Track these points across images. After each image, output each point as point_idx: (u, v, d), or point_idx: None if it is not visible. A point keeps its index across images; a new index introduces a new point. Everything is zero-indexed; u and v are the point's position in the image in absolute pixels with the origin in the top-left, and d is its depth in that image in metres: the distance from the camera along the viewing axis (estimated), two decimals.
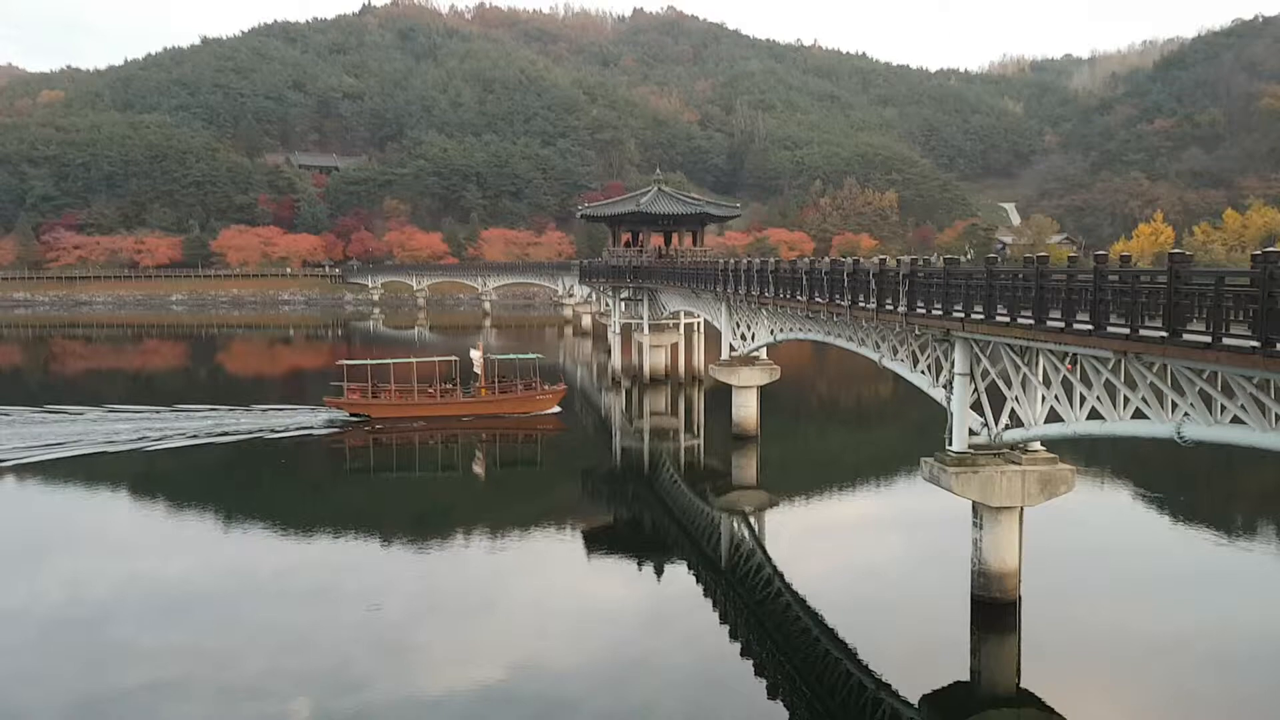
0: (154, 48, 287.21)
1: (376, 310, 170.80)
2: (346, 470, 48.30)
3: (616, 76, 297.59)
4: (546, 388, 60.34)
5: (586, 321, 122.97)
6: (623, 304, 74.82)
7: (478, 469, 48.72)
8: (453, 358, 59.34)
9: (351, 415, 55.97)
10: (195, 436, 50.74)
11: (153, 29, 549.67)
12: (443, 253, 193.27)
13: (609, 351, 79.38)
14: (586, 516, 40.49)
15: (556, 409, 59.67)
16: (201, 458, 47.35)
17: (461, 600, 29.29)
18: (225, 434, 51.61)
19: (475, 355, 59.03)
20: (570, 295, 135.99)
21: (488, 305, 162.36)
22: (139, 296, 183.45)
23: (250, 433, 52.35)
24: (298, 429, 53.78)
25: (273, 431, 52.85)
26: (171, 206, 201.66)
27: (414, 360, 58.19)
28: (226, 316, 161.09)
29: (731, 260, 55.34)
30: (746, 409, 50.73)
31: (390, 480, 46.07)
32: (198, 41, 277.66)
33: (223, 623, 26.66)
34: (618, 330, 76.51)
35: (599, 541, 35.97)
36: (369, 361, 58.76)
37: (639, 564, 33.12)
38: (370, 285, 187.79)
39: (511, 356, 62.16)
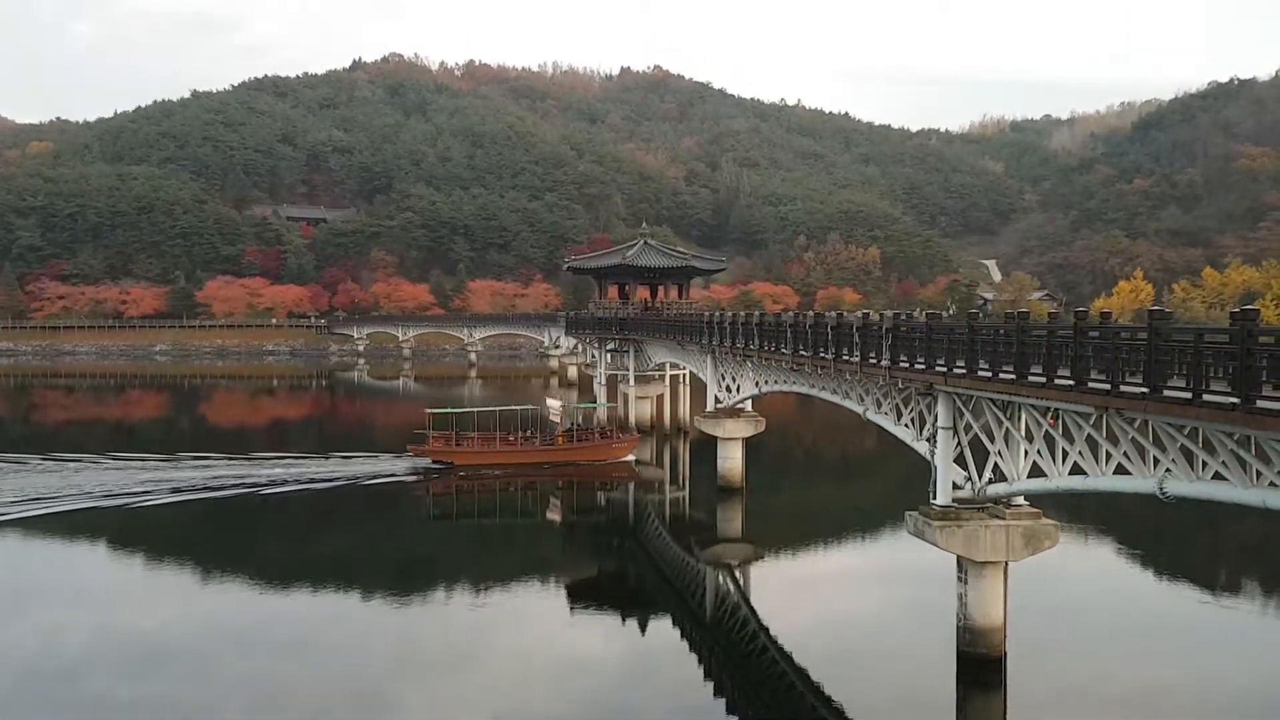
0: (144, 100, 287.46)
1: (361, 361, 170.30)
2: (432, 516, 49.73)
3: (604, 133, 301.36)
4: (621, 436, 61.72)
5: (573, 373, 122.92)
6: (609, 355, 75.07)
7: (553, 516, 49.69)
8: (532, 406, 61.30)
9: (435, 462, 56.95)
10: (294, 483, 51.95)
11: (143, 82, 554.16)
12: (429, 304, 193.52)
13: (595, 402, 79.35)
14: (571, 569, 40.21)
15: (630, 457, 60.78)
16: (310, 502, 49.18)
17: (470, 650, 29.03)
18: (325, 481, 52.98)
19: (554, 404, 60.69)
20: (556, 346, 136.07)
21: (473, 356, 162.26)
22: (122, 346, 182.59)
23: (347, 479, 53.62)
24: (388, 476, 54.78)
25: (367, 479, 54.02)
26: (157, 257, 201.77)
27: (496, 409, 60.15)
28: (210, 367, 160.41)
29: (717, 313, 55.75)
30: (732, 461, 50.70)
31: (470, 526, 47.61)
32: (188, 95, 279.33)
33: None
34: (603, 381, 76.62)
35: (583, 594, 35.66)
36: (452, 410, 60.55)
37: (623, 617, 32.88)
38: (356, 336, 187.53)
39: (589, 405, 64.67)
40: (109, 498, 47.72)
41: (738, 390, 50.50)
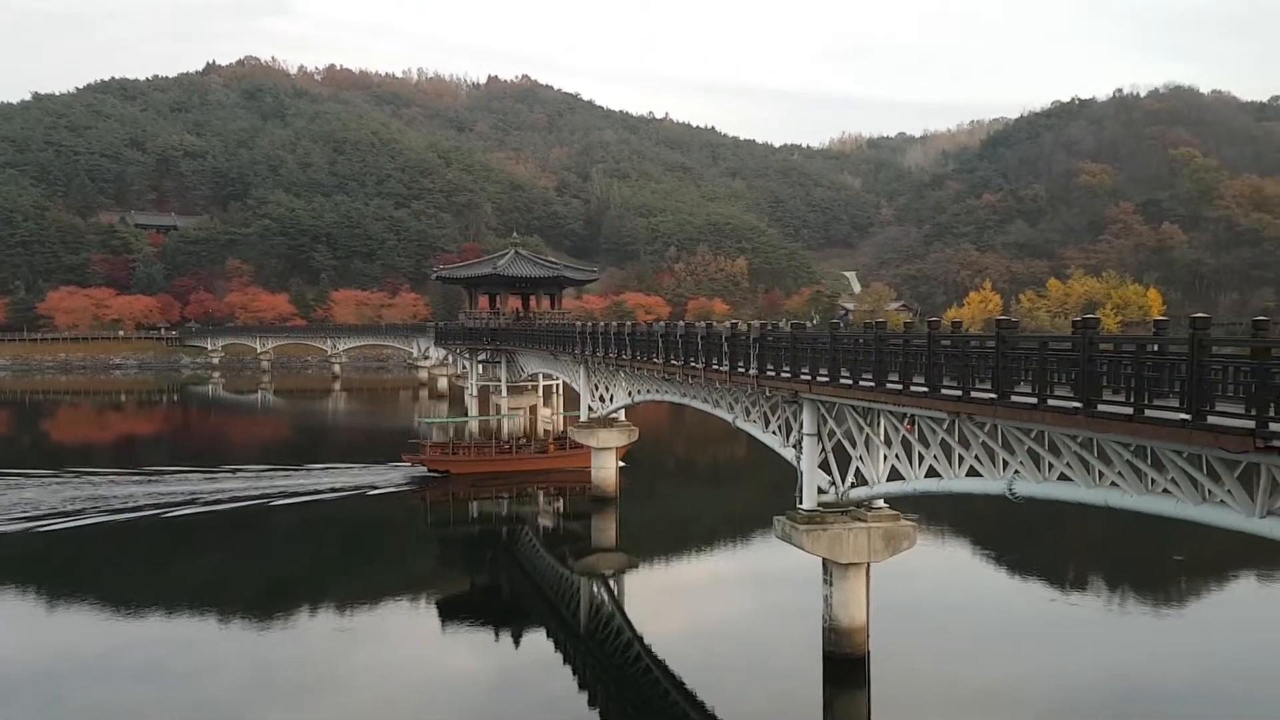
0: None
1: (216, 374, 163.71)
2: (433, 524, 51.10)
3: (472, 141, 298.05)
4: None
5: (443, 384, 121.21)
6: (480, 366, 74.25)
7: (546, 523, 50.73)
8: (527, 415, 62.59)
9: (431, 471, 57.98)
10: (297, 495, 52.20)
11: None
12: (289, 314, 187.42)
13: (465, 415, 78.31)
14: (442, 585, 39.58)
15: (621, 464, 60.69)
16: (319, 512, 49.49)
17: (331, 669, 28.11)
18: (331, 491, 53.23)
19: (546, 413, 61.73)
20: (426, 358, 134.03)
21: (337, 368, 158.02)
22: None
23: (351, 490, 53.90)
24: (389, 486, 55.51)
25: (373, 489, 54.48)
26: None
27: (491, 418, 61.91)
28: (53, 381, 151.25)
29: (589, 323, 55.89)
30: (605, 470, 50.89)
31: (467, 534, 49.56)
32: (28, 97, 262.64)
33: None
34: (475, 393, 75.68)
35: (454, 610, 35.15)
36: (449, 419, 62.54)
37: (496, 632, 32.56)
38: (210, 348, 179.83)
39: (578, 413, 64.45)
40: None
41: (611, 400, 50.72)
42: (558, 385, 71.42)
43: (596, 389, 52.41)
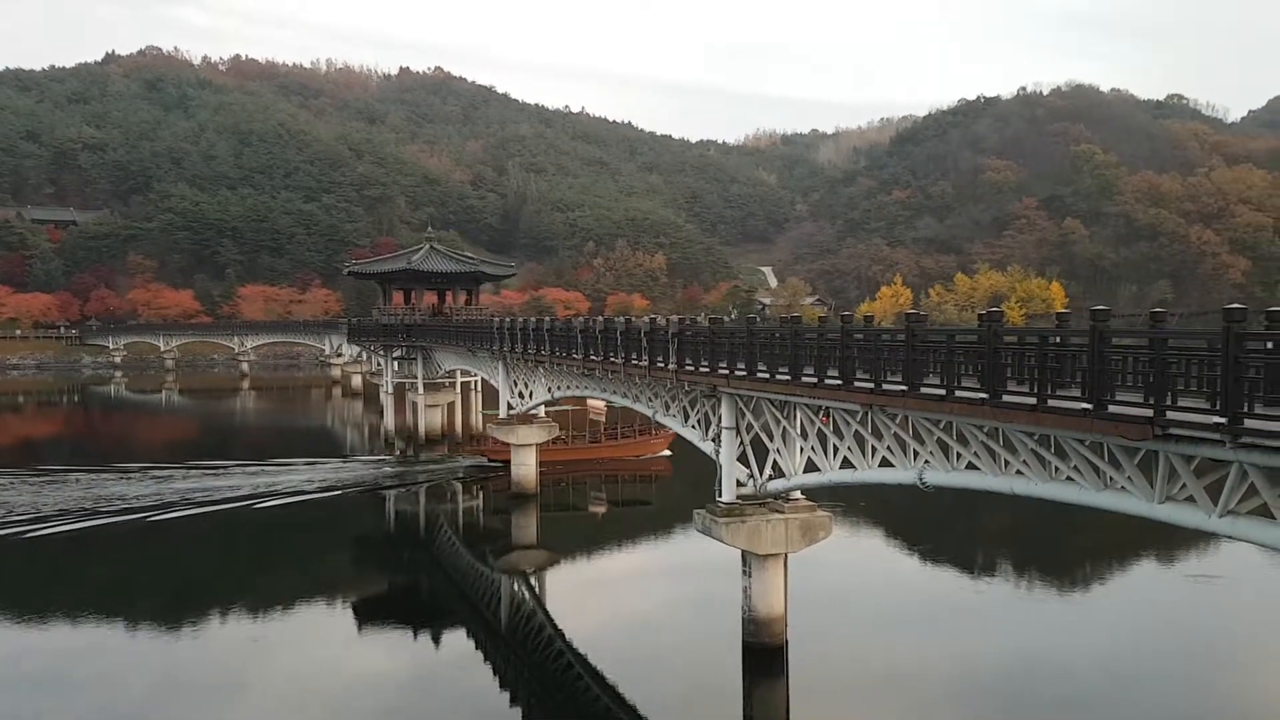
0: None
1: (119, 373, 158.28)
2: (495, 509, 53.05)
3: (384, 133, 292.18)
4: (658, 432, 63.76)
5: (357, 381, 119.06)
6: (395, 363, 73.25)
7: (597, 509, 52.87)
8: (576, 407, 64.21)
9: (491, 461, 60.18)
10: (378, 487, 55.56)
11: None
12: (195, 311, 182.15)
13: (382, 412, 77.19)
14: (359, 586, 38.94)
15: (667, 451, 64.29)
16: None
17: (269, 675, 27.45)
18: (416, 482, 57.52)
19: (597, 404, 62.68)
20: (339, 355, 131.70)
21: (246, 366, 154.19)
22: None
23: (429, 480, 58.24)
24: (454, 475, 59.86)
25: (451, 478, 59.07)
26: None
27: (543, 408, 62.93)
28: None
29: (508, 319, 55.57)
30: (525, 467, 50.65)
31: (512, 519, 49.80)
32: None
33: None
34: (390, 390, 74.66)
35: (370, 612, 34.63)
36: (509, 412, 64.49)
37: (415, 632, 32.18)
38: (111, 346, 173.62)
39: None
40: None
41: (530, 396, 50.47)
42: (476, 382, 70.93)
43: (516, 386, 52.12)
